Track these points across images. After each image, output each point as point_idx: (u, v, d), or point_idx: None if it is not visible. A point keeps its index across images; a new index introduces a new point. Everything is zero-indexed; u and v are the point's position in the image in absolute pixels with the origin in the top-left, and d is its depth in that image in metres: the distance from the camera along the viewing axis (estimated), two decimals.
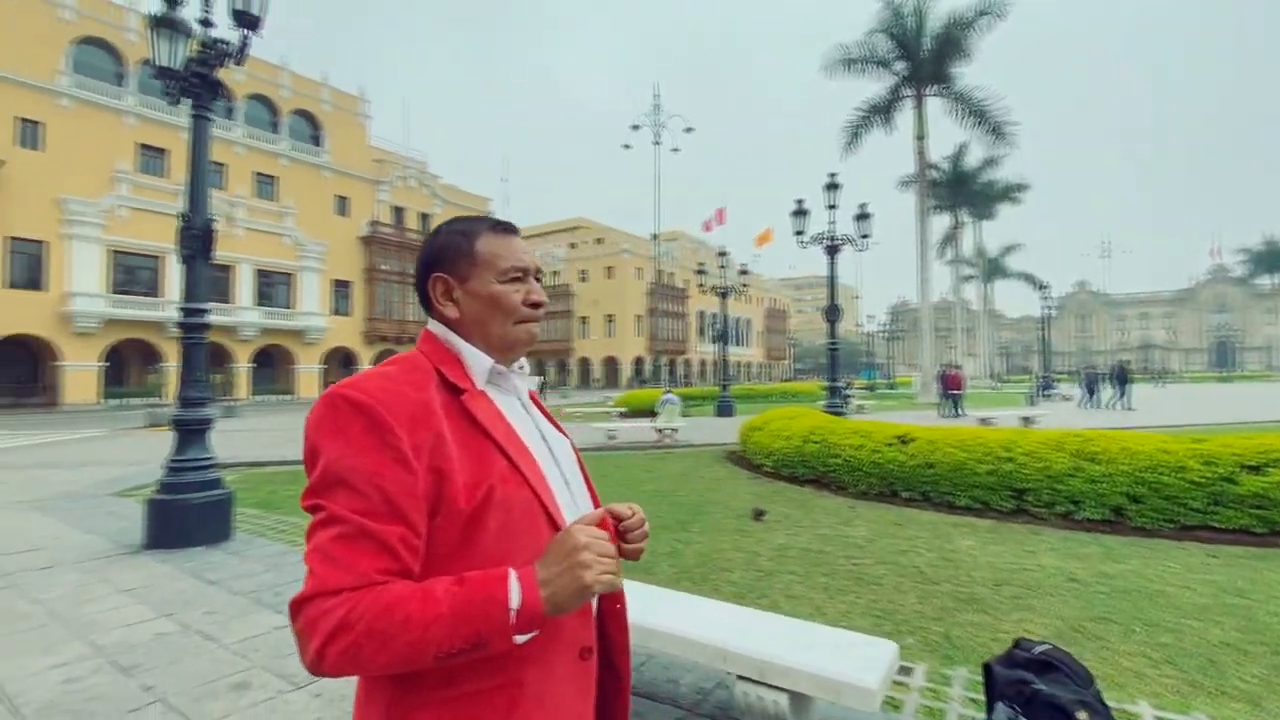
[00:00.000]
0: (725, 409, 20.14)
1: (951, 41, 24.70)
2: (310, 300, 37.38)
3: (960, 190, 40.11)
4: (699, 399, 28.25)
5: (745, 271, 23.68)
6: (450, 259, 0.96)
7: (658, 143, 42.59)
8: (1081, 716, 1.70)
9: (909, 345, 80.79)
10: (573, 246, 66.65)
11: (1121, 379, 20.73)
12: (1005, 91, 25.46)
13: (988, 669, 2.02)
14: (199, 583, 4.21)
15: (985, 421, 13.50)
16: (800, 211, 13.92)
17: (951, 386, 19.05)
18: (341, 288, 39.75)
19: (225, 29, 5.51)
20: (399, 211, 43.56)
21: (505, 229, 0.99)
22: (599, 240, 64.63)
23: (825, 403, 13.59)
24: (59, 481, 8.28)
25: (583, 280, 63.68)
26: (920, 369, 28.26)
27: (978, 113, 25.68)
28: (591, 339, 62.77)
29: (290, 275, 36.88)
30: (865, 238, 13.67)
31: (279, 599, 3.86)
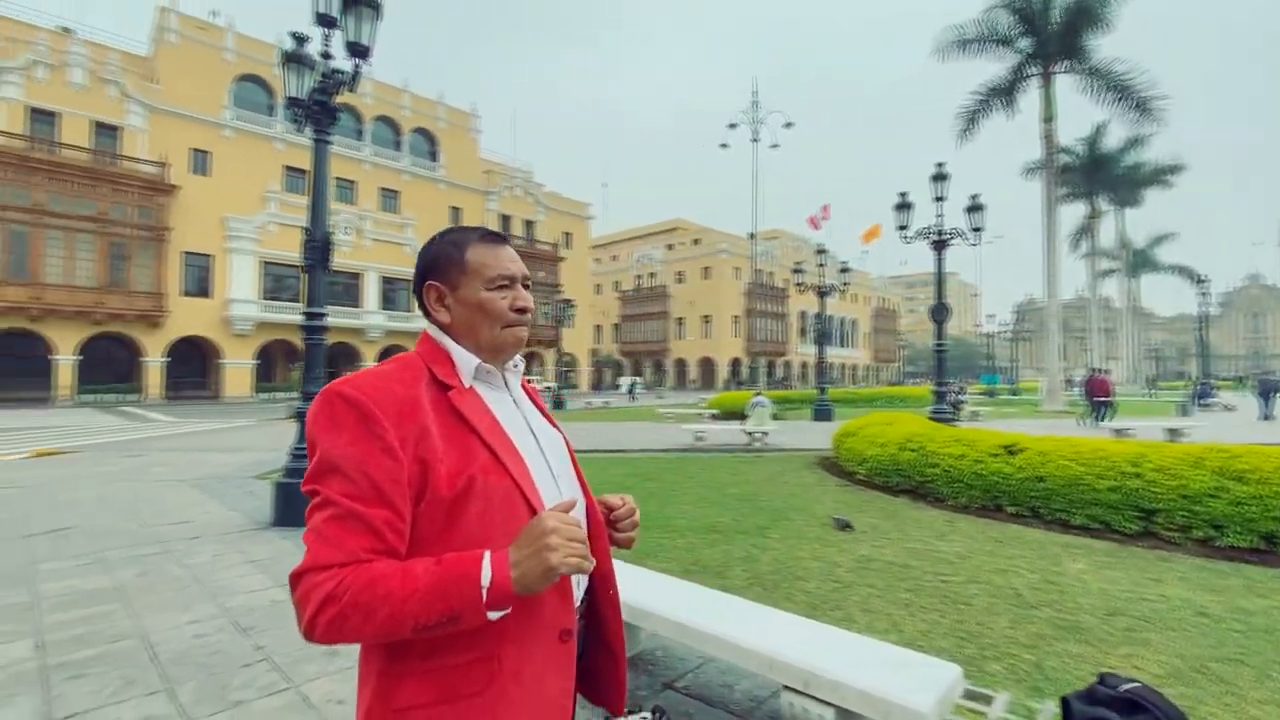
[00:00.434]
0: (823, 413, 19.43)
1: (1085, 11, 22.27)
2: None
3: (1097, 175, 36.09)
4: (796, 402, 27.44)
5: (846, 270, 22.66)
6: (442, 268, 1.03)
7: (756, 140, 41.94)
8: None
9: (1036, 347, 73.90)
10: (670, 248, 66.97)
11: None
12: (1148, 62, 22.61)
13: (1066, 704, 1.83)
14: None
15: (1120, 433, 12.10)
16: (903, 205, 13.15)
17: (1098, 393, 17.20)
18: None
19: (340, 56, 6.10)
20: (506, 219, 45.85)
21: (494, 239, 1.05)
22: (696, 241, 64.52)
23: (931, 409, 12.75)
24: (213, 464, 9.53)
25: (679, 281, 63.81)
26: (1047, 373, 25.68)
27: (1118, 88, 22.96)
28: (687, 340, 62.76)
29: (410, 281, 39.90)
30: (978, 231, 12.68)
31: None
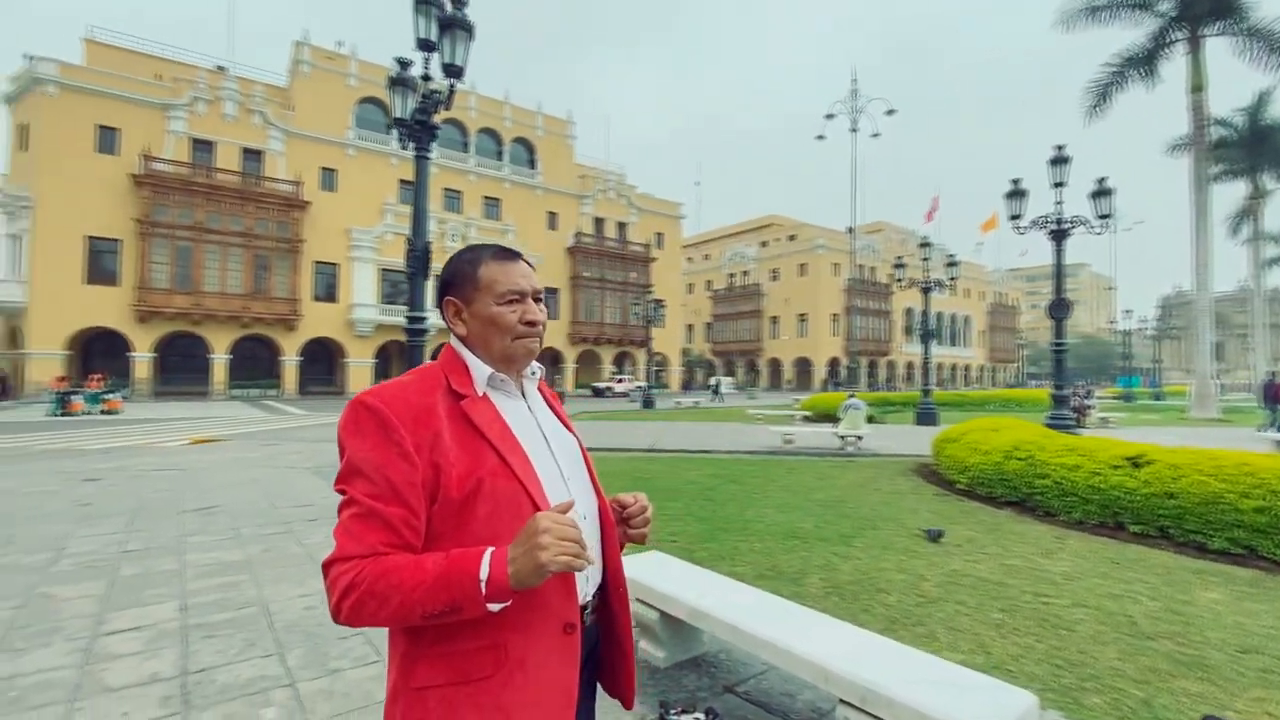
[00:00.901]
0: (926, 417, 18.32)
1: None
2: None
3: (1262, 149, 31.36)
4: (898, 405, 26.07)
5: (953, 263, 21.12)
6: (458, 284, 1.11)
7: (854, 130, 40.13)
8: None
9: (1184, 346, 65.46)
10: (763, 245, 65.65)
11: None
12: None
13: None
14: None
15: None
16: (1016, 193, 12.14)
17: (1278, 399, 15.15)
18: (551, 294, 44.02)
19: (437, 77, 6.53)
20: (599, 222, 46.91)
21: (506, 256, 1.12)
22: (791, 237, 62.79)
23: (1049, 414, 11.69)
24: (334, 452, 10.50)
25: (773, 279, 62.40)
26: (1196, 375, 22.67)
27: None
28: (782, 339, 61.24)
29: None
30: (1105, 218, 11.47)
31: None
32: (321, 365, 36.81)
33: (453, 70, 6.27)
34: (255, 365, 33.57)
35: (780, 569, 4.54)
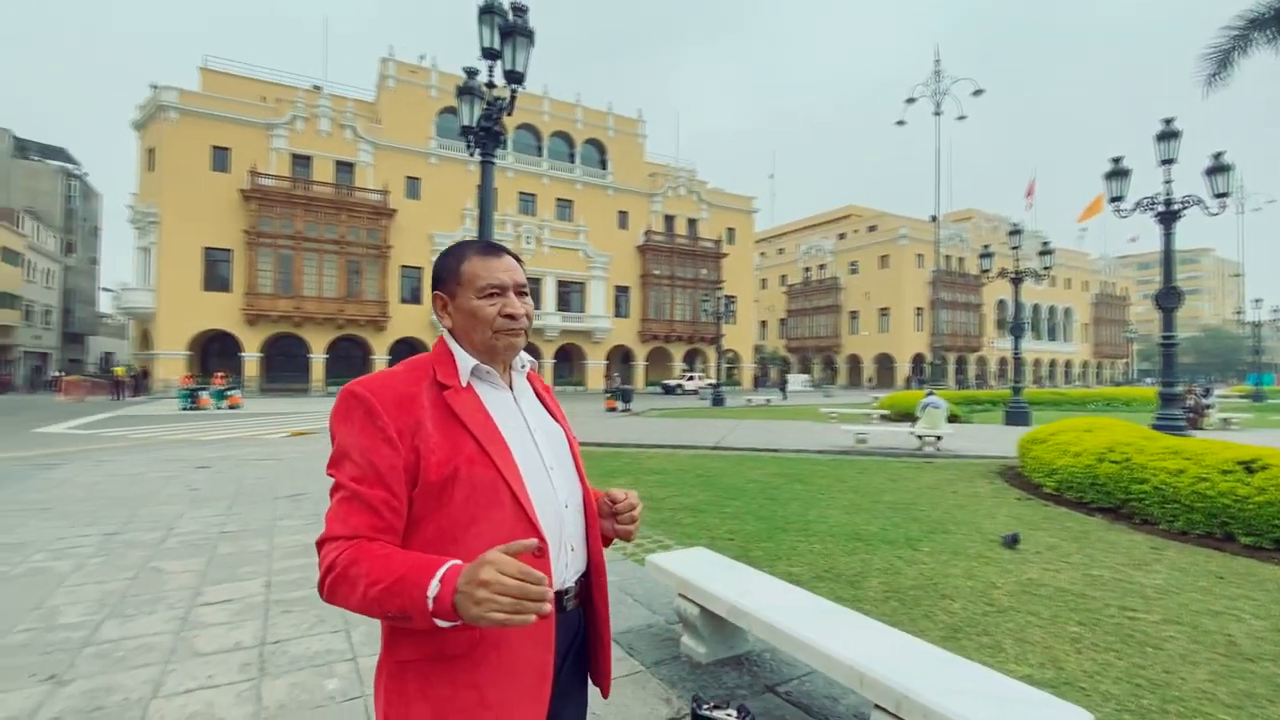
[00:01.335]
0: (1017, 416, 17.15)
1: None
2: (597, 305, 42.78)
3: None
4: (986, 403, 24.57)
5: (1047, 251, 19.57)
6: (444, 279, 1.15)
7: (938, 113, 38.06)
8: None
9: None
10: (841, 237, 63.42)
11: None
12: None
13: None
14: None
15: None
16: (1117, 172, 11.13)
17: None
18: (621, 292, 44.53)
19: (500, 84, 6.75)
20: (669, 220, 46.92)
21: (490, 251, 1.15)
22: (872, 228, 60.23)
23: (1157, 414, 10.67)
24: None
25: (852, 272, 60.20)
26: None
27: None
28: (862, 335, 58.98)
29: (582, 284, 42.73)
30: (1222, 197, 10.31)
31: None
32: None
33: (514, 76, 6.48)
34: (349, 363, 35.94)
35: (838, 571, 4.41)
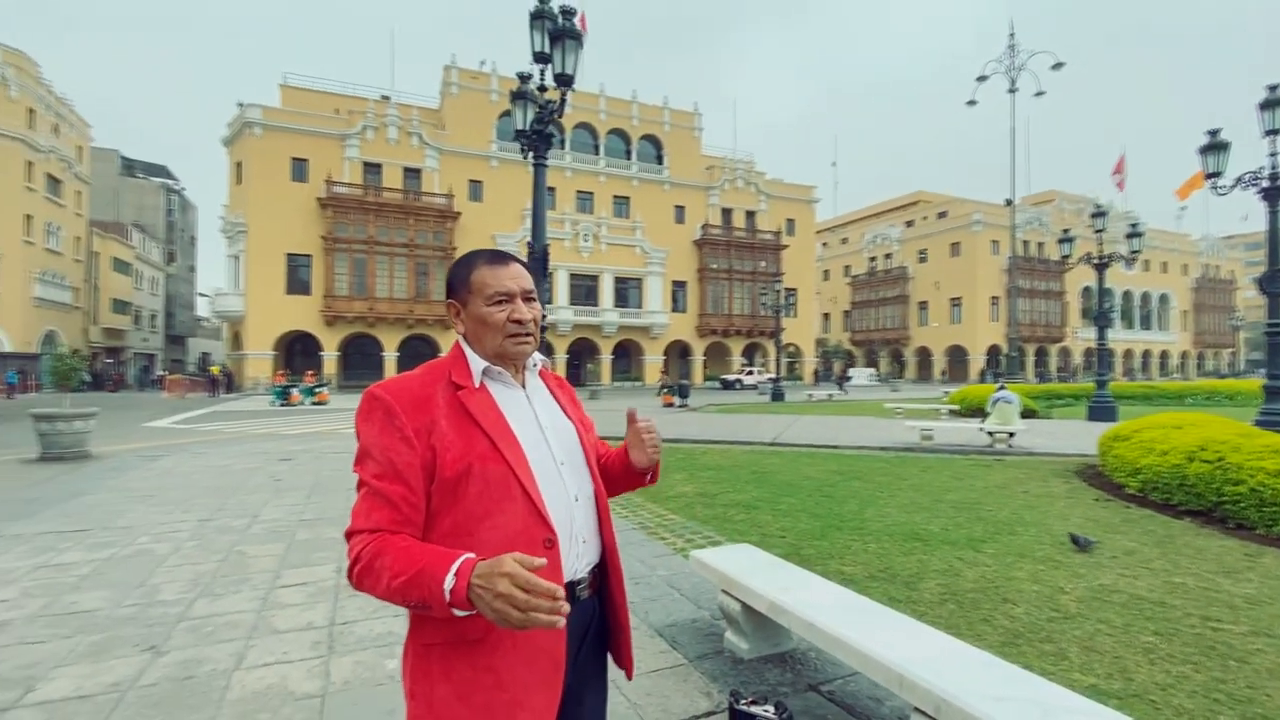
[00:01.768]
0: (1102, 412, 16.01)
1: None
2: (654, 300, 42.86)
3: None
4: (1067, 397, 23.10)
5: (1136, 233, 18.12)
6: (456, 288, 1.23)
7: (1013, 90, 35.88)
8: None
9: None
10: (909, 224, 60.93)
11: None
12: None
13: None
14: None
15: None
16: (1215, 146, 10.21)
17: None
18: (679, 287, 44.44)
19: (551, 87, 6.89)
20: (727, 213, 46.38)
21: (498, 260, 1.21)
22: (942, 214, 57.53)
23: (1261, 410, 9.76)
24: None
25: (921, 260, 57.75)
26: None
27: None
28: (932, 326, 56.52)
29: (639, 280, 42.90)
30: None
31: None
32: None
33: (564, 79, 6.60)
34: (419, 361, 34.98)
35: (894, 571, 4.29)
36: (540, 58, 6.88)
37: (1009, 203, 35.89)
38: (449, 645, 1.07)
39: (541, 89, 7.03)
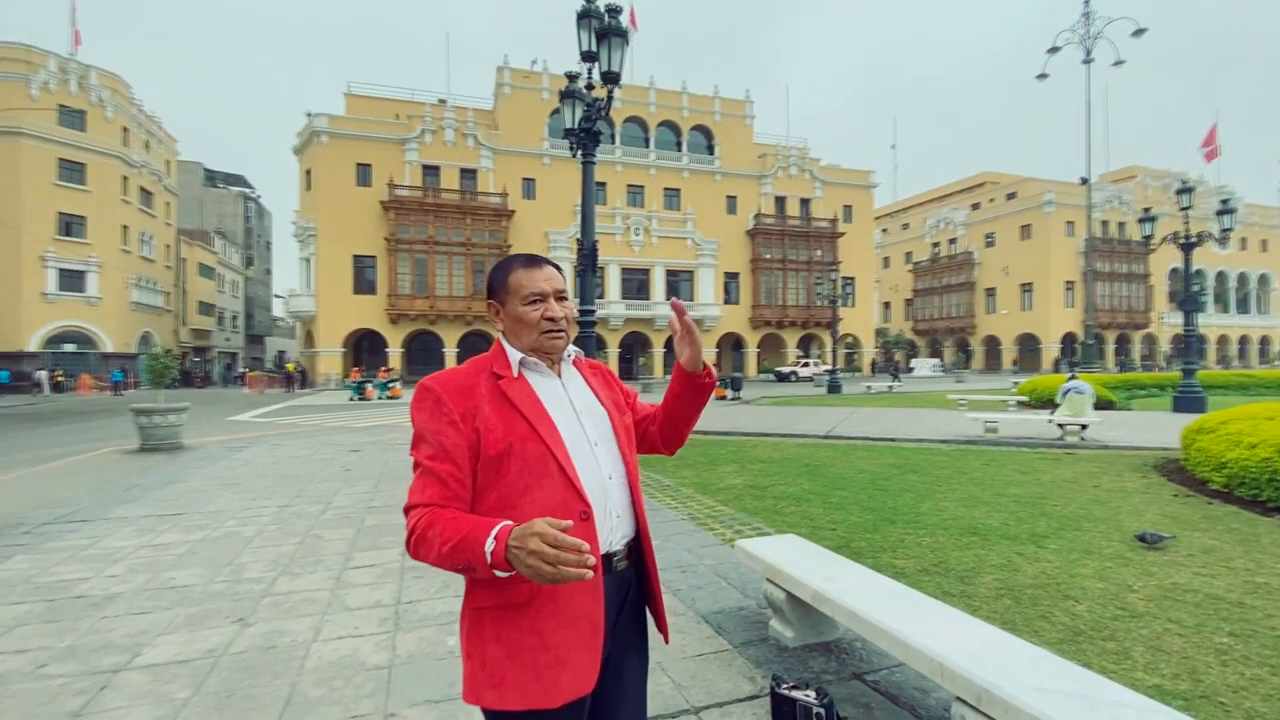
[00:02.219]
0: (1188, 403, 14.89)
1: None
2: (706, 292, 42.59)
3: None
4: (1150, 387, 21.68)
5: (1229, 210, 16.69)
6: (495, 289, 1.36)
7: (1088, 61, 33.62)
8: None
9: None
10: (975, 207, 58.19)
11: None
12: None
13: None
14: None
15: None
16: None
17: None
18: (731, 279, 44.01)
19: (598, 85, 6.99)
20: (780, 201, 45.53)
21: (532, 263, 1.34)
22: (1010, 195, 54.64)
23: None
24: None
25: (988, 245, 55.12)
26: None
27: None
28: (1000, 313, 53.92)
29: (691, 272, 42.71)
30: None
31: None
32: None
33: (610, 77, 6.69)
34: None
35: (948, 565, 4.21)
36: (587, 56, 6.99)
37: (1084, 181, 33.77)
38: (498, 609, 1.19)
39: (589, 87, 7.14)
